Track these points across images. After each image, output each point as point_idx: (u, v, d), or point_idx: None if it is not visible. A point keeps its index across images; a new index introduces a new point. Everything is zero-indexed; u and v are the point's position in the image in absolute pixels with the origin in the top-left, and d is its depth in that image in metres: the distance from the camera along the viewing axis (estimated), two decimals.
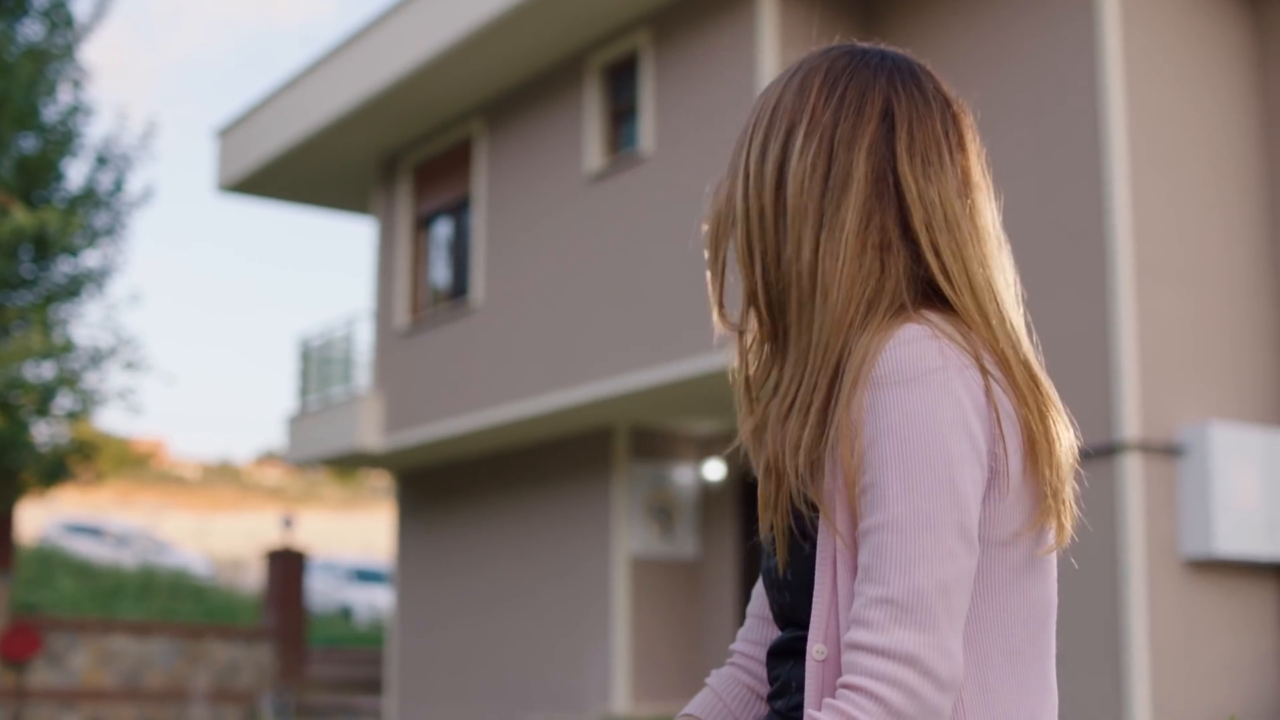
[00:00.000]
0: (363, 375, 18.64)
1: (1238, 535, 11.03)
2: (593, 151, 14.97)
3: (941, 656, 1.69)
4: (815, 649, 1.82)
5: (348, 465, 19.55)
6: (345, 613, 30.46)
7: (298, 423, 19.01)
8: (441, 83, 16.26)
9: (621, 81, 15.01)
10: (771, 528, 1.89)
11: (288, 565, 21.26)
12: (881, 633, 1.69)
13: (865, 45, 1.95)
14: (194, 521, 44.68)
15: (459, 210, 17.31)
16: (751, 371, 1.96)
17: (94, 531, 33.24)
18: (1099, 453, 11.08)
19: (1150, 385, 11.10)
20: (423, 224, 17.95)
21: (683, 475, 16.10)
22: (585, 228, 14.94)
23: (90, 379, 17.71)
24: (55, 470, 19.09)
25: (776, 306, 1.89)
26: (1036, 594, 1.85)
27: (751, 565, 15.87)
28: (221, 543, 40.55)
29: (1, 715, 18.35)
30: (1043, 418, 1.82)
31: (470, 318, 16.45)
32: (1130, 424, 10.96)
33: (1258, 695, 11.31)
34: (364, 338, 18.75)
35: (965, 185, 1.89)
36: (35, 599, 22.31)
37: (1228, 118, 11.98)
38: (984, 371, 1.78)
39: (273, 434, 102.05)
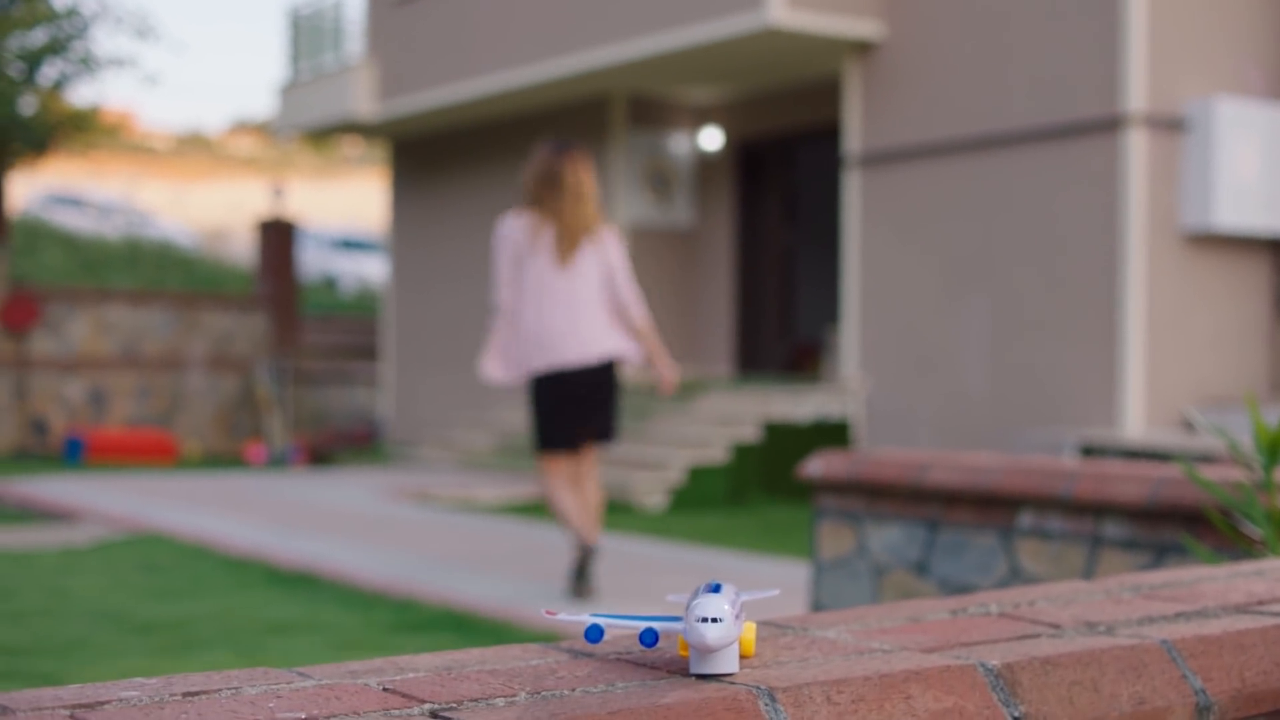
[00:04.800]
0: (354, 44, 18.40)
1: (1237, 209, 11.19)
2: None
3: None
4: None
5: (340, 133, 19.46)
6: (330, 282, 30.68)
7: (289, 92, 18.84)
8: None
9: None
10: None
11: (279, 235, 21.34)
12: None
13: (558, 140, 7.33)
14: (169, 193, 44.46)
15: None
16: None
17: (75, 203, 33.14)
18: (1103, 125, 11.15)
19: (1158, 58, 11.10)
20: None
21: (679, 144, 16.12)
22: None
23: (78, 47, 17.42)
24: (43, 139, 18.96)
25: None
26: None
27: (748, 234, 16.04)
28: (198, 213, 40.43)
29: (5, 384, 18.64)
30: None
31: None
32: (1136, 97, 10.99)
33: (1246, 367, 11.65)
34: (355, 5, 18.42)
35: (578, 179, 7.18)
36: (24, 271, 22.39)
37: None
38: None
39: (246, 102, 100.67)
